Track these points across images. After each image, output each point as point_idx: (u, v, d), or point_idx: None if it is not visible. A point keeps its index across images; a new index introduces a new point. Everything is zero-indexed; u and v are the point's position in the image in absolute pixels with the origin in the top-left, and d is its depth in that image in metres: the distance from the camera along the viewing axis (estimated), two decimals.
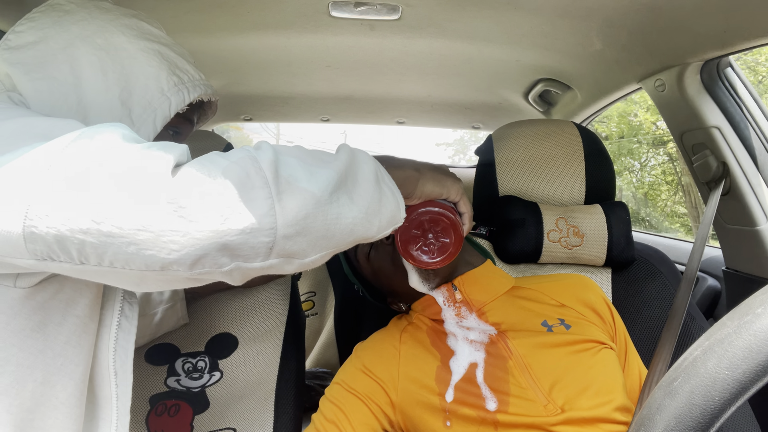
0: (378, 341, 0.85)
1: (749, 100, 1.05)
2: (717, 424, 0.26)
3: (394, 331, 0.85)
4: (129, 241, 0.38)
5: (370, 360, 0.82)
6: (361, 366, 0.82)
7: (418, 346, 0.81)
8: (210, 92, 0.66)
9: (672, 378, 0.28)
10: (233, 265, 0.42)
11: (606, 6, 0.95)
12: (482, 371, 0.74)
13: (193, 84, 0.63)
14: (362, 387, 0.79)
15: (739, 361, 0.25)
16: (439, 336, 0.80)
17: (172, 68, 0.62)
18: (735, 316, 0.28)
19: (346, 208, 0.47)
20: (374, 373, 0.80)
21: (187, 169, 0.40)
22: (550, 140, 1.02)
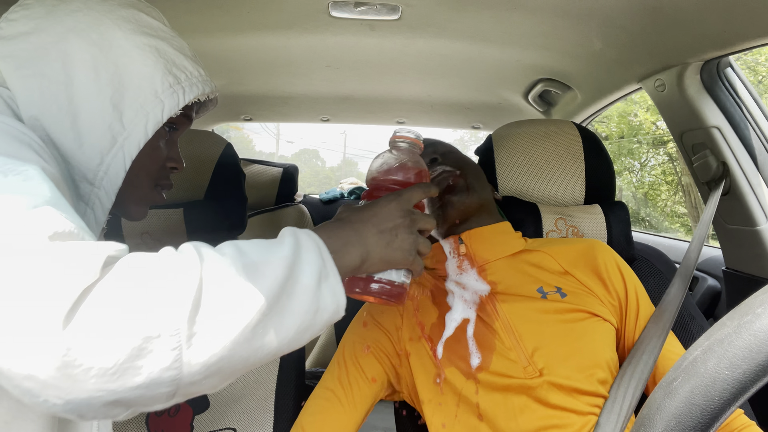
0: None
1: (749, 100, 1.05)
2: (717, 424, 0.26)
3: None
4: (16, 384, 0.34)
5: (375, 310, 0.85)
6: (368, 317, 0.85)
7: (421, 300, 0.83)
8: (208, 90, 0.63)
9: (672, 378, 0.28)
10: (129, 412, 0.37)
11: (606, 6, 0.95)
12: (473, 327, 0.77)
13: (190, 83, 0.61)
14: (369, 336, 0.83)
15: (739, 361, 0.25)
16: (440, 293, 0.83)
17: (168, 66, 0.59)
18: (735, 316, 0.28)
19: (270, 337, 0.41)
20: (380, 323, 0.83)
21: (84, 315, 0.34)
22: (550, 140, 1.02)
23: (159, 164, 0.63)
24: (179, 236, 0.96)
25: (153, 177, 0.63)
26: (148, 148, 0.60)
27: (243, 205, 1.04)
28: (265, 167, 2.02)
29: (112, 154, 0.56)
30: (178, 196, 0.98)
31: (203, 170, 0.99)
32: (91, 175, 0.56)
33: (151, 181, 0.63)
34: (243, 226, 1.05)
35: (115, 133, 0.56)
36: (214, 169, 0.99)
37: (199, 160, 0.99)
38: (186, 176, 0.98)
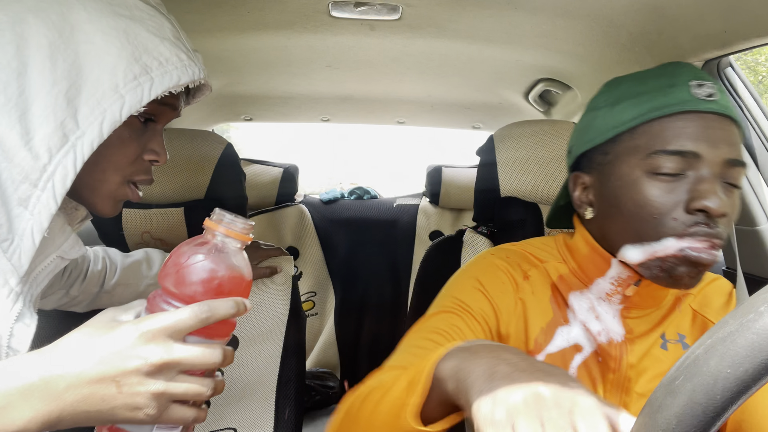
0: (492, 267, 0.73)
1: (749, 100, 1.05)
2: (718, 422, 0.26)
3: (515, 265, 0.73)
4: None
5: (487, 281, 0.72)
6: (478, 284, 0.71)
7: (538, 293, 0.71)
8: (187, 78, 0.55)
9: (673, 377, 0.28)
10: None
11: (606, 6, 0.95)
12: (581, 358, 0.66)
13: (162, 72, 0.53)
14: (477, 306, 0.69)
15: (741, 359, 0.25)
16: (561, 297, 0.71)
17: (137, 54, 0.51)
18: (737, 314, 0.27)
19: None
20: (491, 296, 0.70)
21: None
22: (551, 141, 1.02)
23: (130, 158, 0.57)
24: (179, 236, 0.96)
25: (123, 172, 0.58)
26: (116, 141, 0.54)
27: (243, 205, 1.04)
28: (265, 167, 2.02)
29: (62, 154, 0.49)
30: (179, 196, 0.98)
31: (203, 170, 0.99)
32: (35, 175, 0.49)
33: (119, 177, 0.57)
34: None
35: (67, 131, 0.49)
36: (214, 169, 0.99)
37: (199, 160, 0.99)
38: (186, 176, 0.98)
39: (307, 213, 2.07)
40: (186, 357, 0.42)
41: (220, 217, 0.47)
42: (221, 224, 0.46)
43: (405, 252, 2.05)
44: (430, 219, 2.09)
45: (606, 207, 0.66)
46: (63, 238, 0.57)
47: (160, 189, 0.97)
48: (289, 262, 1.05)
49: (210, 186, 0.99)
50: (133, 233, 0.95)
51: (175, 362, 0.41)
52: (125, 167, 0.57)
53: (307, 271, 2.02)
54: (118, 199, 0.59)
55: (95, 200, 0.57)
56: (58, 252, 0.56)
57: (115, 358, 0.40)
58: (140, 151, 0.59)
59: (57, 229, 0.56)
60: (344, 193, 2.21)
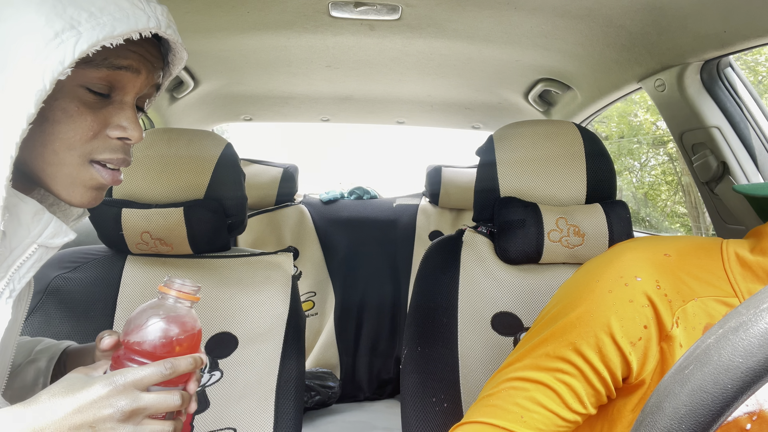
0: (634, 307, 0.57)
1: (749, 100, 1.05)
2: (729, 412, 0.26)
3: (666, 303, 0.57)
4: None
5: (622, 326, 0.57)
6: (606, 330, 0.57)
7: (686, 343, 0.55)
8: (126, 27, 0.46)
9: (683, 365, 0.28)
10: None
11: (606, 6, 0.95)
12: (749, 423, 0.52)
13: (93, 24, 0.45)
14: (601, 359, 0.57)
15: (754, 349, 0.25)
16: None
17: (59, 8, 0.44)
18: (750, 305, 0.27)
19: None
20: (622, 344, 0.56)
21: None
22: (551, 141, 1.02)
23: (85, 134, 0.51)
24: (179, 236, 0.96)
25: (78, 151, 0.51)
26: (61, 116, 0.48)
27: (243, 205, 1.04)
28: (265, 167, 2.02)
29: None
30: (178, 196, 0.98)
31: (203, 170, 0.99)
32: None
33: (75, 157, 0.51)
34: (243, 226, 1.06)
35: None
36: (214, 169, 0.99)
37: (199, 160, 0.99)
38: (186, 176, 0.98)
39: (307, 213, 2.07)
40: (151, 404, 0.49)
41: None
42: (173, 289, 0.53)
43: (405, 252, 2.05)
44: (429, 219, 2.09)
45: None
46: (41, 226, 0.51)
47: (160, 189, 0.97)
48: (288, 262, 1.05)
49: (210, 186, 0.99)
50: (132, 233, 0.95)
51: (142, 409, 0.48)
52: (81, 145, 0.51)
53: (306, 271, 2.02)
54: (86, 184, 0.52)
55: (59, 188, 0.52)
56: (38, 241, 0.52)
57: (92, 407, 0.46)
58: (100, 127, 0.52)
59: (29, 218, 0.50)
60: (344, 193, 2.21)
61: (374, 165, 4.47)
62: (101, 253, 1.03)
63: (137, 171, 0.97)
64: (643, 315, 0.56)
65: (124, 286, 0.99)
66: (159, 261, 1.02)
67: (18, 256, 0.52)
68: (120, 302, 0.97)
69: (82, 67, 0.47)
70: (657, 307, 0.56)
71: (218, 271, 1.02)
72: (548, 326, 0.61)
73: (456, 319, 0.94)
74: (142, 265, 1.01)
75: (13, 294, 0.52)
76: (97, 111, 0.51)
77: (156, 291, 0.55)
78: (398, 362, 2.00)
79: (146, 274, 1.00)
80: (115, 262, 1.01)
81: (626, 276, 0.58)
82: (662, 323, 0.55)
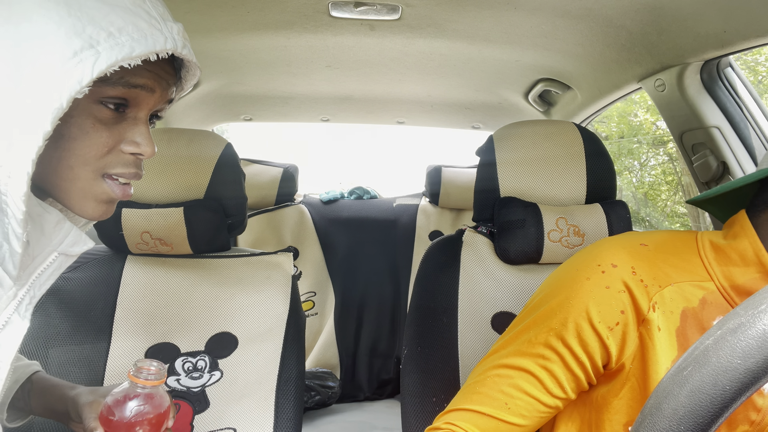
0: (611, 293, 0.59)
1: (749, 100, 1.05)
2: (727, 413, 0.26)
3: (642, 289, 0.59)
4: None
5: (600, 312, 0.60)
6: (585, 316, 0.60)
7: (665, 327, 0.58)
8: (144, 48, 0.47)
9: (682, 367, 0.28)
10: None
11: (606, 6, 0.95)
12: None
13: (112, 44, 0.45)
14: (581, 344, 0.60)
15: (753, 350, 0.25)
16: (695, 327, 0.57)
17: (78, 27, 0.44)
18: (748, 306, 0.27)
19: None
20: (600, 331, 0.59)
21: None
22: (551, 141, 1.02)
23: (100, 150, 0.51)
24: (179, 236, 0.96)
25: (92, 166, 0.51)
26: (78, 133, 0.49)
27: (243, 205, 1.04)
28: (265, 167, 2.02)
29: (13, 155, 0.44)
30: (178, 196, 0.98)
31: (203, 170, 0.99)
32: (2, 181, 0.45)
33: (89, 171, 0.51)
34: (243, 226, 1.06)
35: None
36: (214, 169, 0.99)
37: (199, 160, 0.99)
38: (186, 176, 0.98)
39: (307, 213, 2.07)
40: None
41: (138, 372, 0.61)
42: (140, 376, 0.61)
43: (405, 252, 2.05)
44: (429, 219, 2.09)
45: None
46: (61, 235, 0.53)
47: (160, 189, 0.97)
48: (288, 262, 1.05)
49: (210, 186, 0.99)
50: (132, 233, 0.95)
51: None
52: (95, 160, 0.51)
53: (306, 270, 2.02)
54: (98, 198, 0.53)
55: (71, 202, 0.53)
56: (59, 249, 0.54)
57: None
58: (114, 143, 0.52)
59: (51, 227, 0.52)
60: (344, 193, 2.21)
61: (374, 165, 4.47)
62: (101, 253, 1.03)
63: None
64: (620, 300, 0.58)
65: (124, 286, 0.99)
66: (159, 261, 1.02)
67: (39, 264, 0.53)
68: (120, 302, 0.97)
69: (98, 84, 0.48)
70: (633, 293, 0.58)
71: (218, 271, 1.02)
72: (531, 314, 0.64)
73: (456, 319, 0.95)
74: (142, 265, 1.01)
75: (33, 301, 0.53)
76: (111, 127, 0.52)
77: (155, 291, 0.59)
78: (398, 362, 2.00)
79: (146, 274, 1.00)
80: (115, 262, 1.01)
81: (603, 264, 0.60)
82: (639, 308, 0.58)
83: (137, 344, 0.94)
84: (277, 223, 2.01)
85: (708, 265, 0.58)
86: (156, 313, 0.97)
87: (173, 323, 0.97)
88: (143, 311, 0.97)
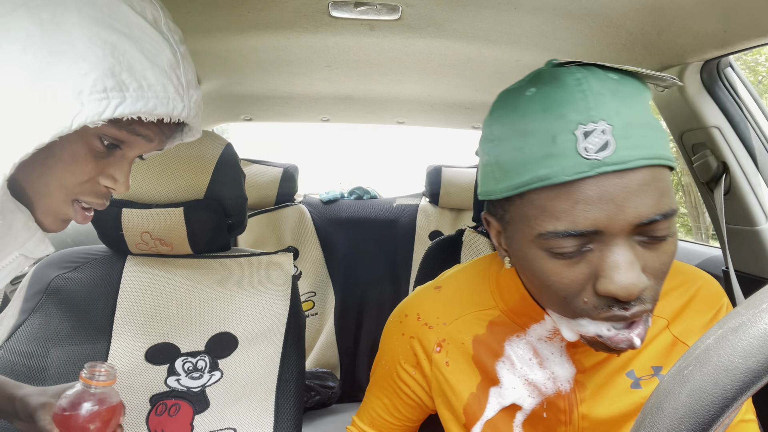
0: (399, 351, 0.70)
1: (749, 100, 1.05)
2: (728, 412, 0.26)
3: (417, 342, 0.68)
4: None
5: (404, 363, 0.71)
6: (399, 367, 0.70)
7: (456, 357, 0.65)
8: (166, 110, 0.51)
9: (682, 366, 0.28)
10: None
11: (606, 6, 0.95)
12: (522, 418, 0.60)
13: (138, 95, 0.49)
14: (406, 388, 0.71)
15: (754, 349, 0.25)
16: (488, 351, 0.62)
17: (116, 69, 0.47)
18: (750, 305, 0.27)
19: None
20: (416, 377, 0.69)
21: None
22: None
23: (79, 179, 0.53)
24: (179, 236, 0.96)
25: (68, 191, 0.53)
26: (67, 157, 0.50)
27: (243, 205, 1.04)
28: (265, 167, 2.02)
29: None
30: (178, 196, 0.98)
31: (203, 170, 0.99)
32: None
33: (63, 194, 0.53)
34: (243, 226, 1.06)
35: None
36: (214, 169, 0.99)
37: (199, 160, 0.99)
38: (186, 176, 0.98)
39: (307, 213, 2.07)
40: None
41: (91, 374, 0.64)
42: (93, 379, 0.64)
43: (405, 252, 2.05)
44: (429, 219, 2.09)
45: (519, 268, 0.56)
46: (27, 235, 0.53)
47: (160, 189, 0.97)
48: (288, 262, 1.05)
49: (210, 186, 0.99)
50: (132, 233, 0.95)
51: None
52: (72, 186, 0.53)
53: (306, 271, 2.02)
54: (59, 217, 0.54)
55: (35, 212, 0.53)
56: (21, 250, 0.53)
57: None
58: (96, 174, 0.54)
59: (20, 227, 0.52)
60: (344, 193, 2.21)
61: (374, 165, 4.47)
62: (101, 253, 1.03)
63: (137, 171, 0.97)
64: (410, 345, 0.67)
65: (125, 286, 0.99)
66: (159, 261, 1.02)
67: (0, 260, 0.53)
68: (120, 302, 0.97)
69: (109, 123, 0.50)
70: (419, 337, 0.67)
71: (218, 271, 1.02)
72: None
73: None
74: (142, 265, 1.01)
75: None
76: (99, 160, 0.53)
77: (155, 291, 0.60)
78: None
79: (146, 274, 1.00)
80: (115, 262, 1.01)
81: (402, 313, 0.70)
82: (426, 350, 0.66)
83: (137, 344, 0.94)
84: (277, 223, 2.01)
85: (493, 293, 0.65)
86: (156, 313, 0.97)
87: (173, 323, 0.97)
88: (143, 311, 0.97)
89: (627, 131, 0.45)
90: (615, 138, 0.44)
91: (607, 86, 0.47)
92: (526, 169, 0.48)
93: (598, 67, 0.49)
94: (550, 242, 0.47)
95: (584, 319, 0.49)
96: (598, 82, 0.47)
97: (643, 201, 0.45)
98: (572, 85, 0.47)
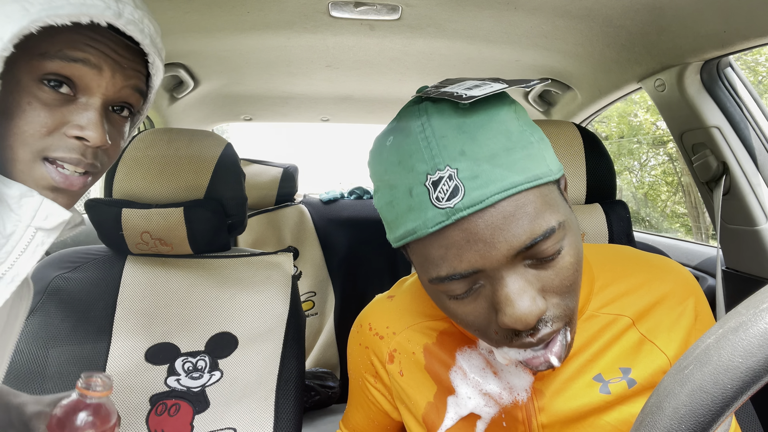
0: (358, 361, 0.72)
1: (749, 100, 1.05)
2: (728, 411, 0.26)
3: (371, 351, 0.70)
4: None
5: (367, 374, 0.73)
6: (362, 379, 0.73)
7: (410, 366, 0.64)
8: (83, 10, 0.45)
9: (683, 365, 0.28)
10: None
11: (606, 6, 0.95)
12: (483, 427, 0.59)
13: (46, 6, 0.44)
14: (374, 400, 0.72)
15: (754, 349, 0.25)
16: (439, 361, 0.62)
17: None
18: (750, 304, 0.27)
19: None
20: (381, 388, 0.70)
21: None
22: (551, 140, 1.02)
23: (38, 131, 0.49)
24: (179, 236, 0.96)
25: (32, 147, 0.49)
26: (16, 110, 0.48)
27: (243, 205, 1.04)
28: (265, 167, 2.02)
29: None
30: (178, 196, 0.98)
31: (203, 170, 0.99)
32: None
33: (29, 153, 0.50)
34: (243, 226, 1.06)
35: None
36: (214, 169, 0.99)
37: (199, 160, 0.99)
38: (186, 176, 0.98)
39: (307, 213, 2.07)
40: None
41: (87, 384, 0.63)
42: (90, 389, 0.63)
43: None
44: None
45: None
46: (30, 209, 0.51)
47: (160, 189, 0.97)
48: (288, 262, 1.05)
49: (209, 186, 0.99)
50: (132, 233, 0.95)
51: None
52: (34, 141, 0.49)
53: (306, 271, 2.02)
54: (38, 183, 0.51)
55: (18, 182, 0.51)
56: (33, 224, 0.51)
57: None
58: (56, 124, 0.50)
59: (15, 202, 0.50)
60: (344, 193, 2.21)
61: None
62: (101, 253, 1.03)
63: (137, 171, 0.97)
64: (367, 355, 0.69)
65: (125, 286, 0.99)
66: (159, 261, 1.02)
67: (17, 242, 0.51)
68: (120, 302, 0.97)
69: (37, 59, 0.47)
70: (372, 347, 0.68)
71: (218, 271, 1.02)
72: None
73: None
74: (142, 265, 1.01)
75: (15, 279, 0.51)
76: (54, 108, 0.50)
77: (155, 291, 0.59)
78: None
79: (146, 274, 1.00)
80: (115, 262, 1.01)
81: (357, 324, 0.73)
82: (380, 359, 0.67)
83: (137, 344, 0.94)
84: (277, 223, 2.01)
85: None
86: (156, 313, 0.97)
87: (173, 323, 0.97)
88: (143, 311, 0.97)
89: (474, 170, 0.44)
90: (462, 181, 0.43)
91: (451, 124, 0.45)
92: (399, 223, 0.49)
93: (448, 101, 0.47)
94: (442, 286, 0.48)
95: (502, 348, 0.49)
96: (442, 123, 0.46)
97: (511, 232, 0.43)
98: (416, 133, 0.46)
